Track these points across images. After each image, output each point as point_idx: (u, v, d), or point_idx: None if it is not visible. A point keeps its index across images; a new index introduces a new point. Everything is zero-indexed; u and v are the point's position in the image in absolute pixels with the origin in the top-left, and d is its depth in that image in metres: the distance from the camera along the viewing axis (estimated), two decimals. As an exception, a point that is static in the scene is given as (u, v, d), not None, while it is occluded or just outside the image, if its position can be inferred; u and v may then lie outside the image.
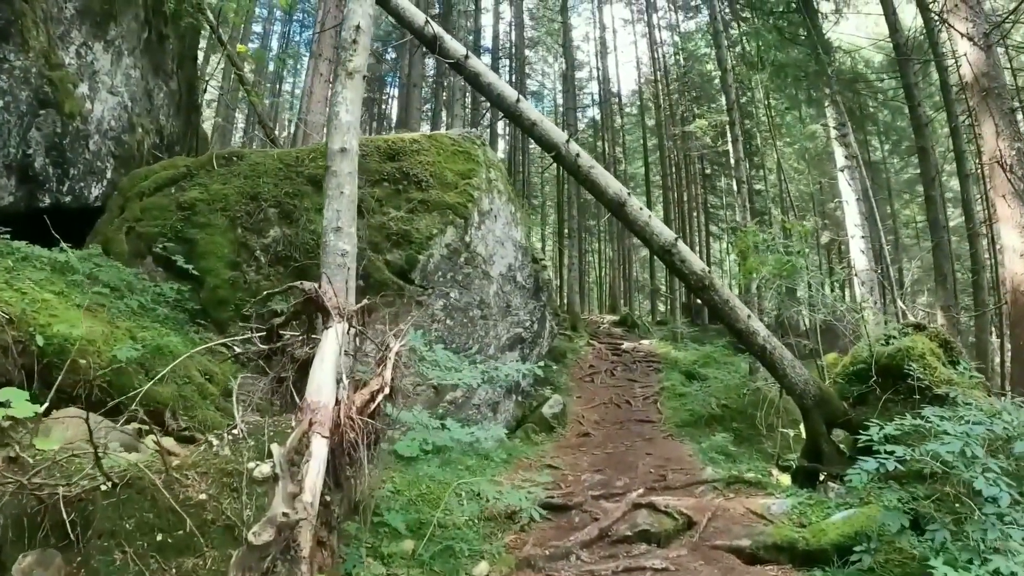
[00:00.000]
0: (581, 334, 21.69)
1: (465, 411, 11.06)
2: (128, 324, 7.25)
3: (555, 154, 7.96)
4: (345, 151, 6.47)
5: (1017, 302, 10.39)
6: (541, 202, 40.22)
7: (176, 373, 6.78)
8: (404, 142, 11.25)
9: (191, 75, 14.78)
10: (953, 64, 18.89)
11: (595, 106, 37.57)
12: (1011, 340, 10.74)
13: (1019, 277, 10.25)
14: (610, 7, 37.11)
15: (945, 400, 7.27)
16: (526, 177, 34.98)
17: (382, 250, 9.90)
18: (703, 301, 8.18)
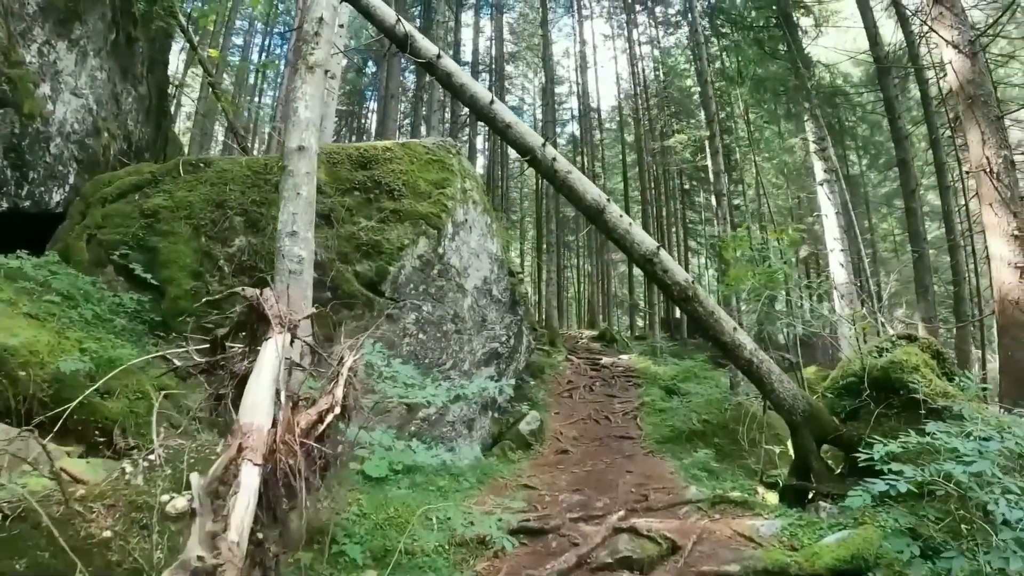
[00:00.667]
0: (559, 349, 21.20)
1: (439, 428, 10.51)
2: (79, 335, 6.77)
3: (530, 158, 7.45)
4: (303, 149, 5.94)
5: (1005, 312, 10.12)
6: (520, 217, 39.76)
7: (128, 388, 6.32)
8: (376, 150, 10.75)
9: (162, 80, 14.24)
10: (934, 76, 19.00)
11: (574, 121, 37.27)
12: (999, 350, 10.37)
13: (1007, 287, 10.00)
14: (590, 22, 37.07)
15: (942, 414, 6.85)
16: (505, 192, 34.56)
17: (351, 261, 9.37)
18: (687, 313, 7.65)
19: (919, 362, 7.44)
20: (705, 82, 18.06)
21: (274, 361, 3.64)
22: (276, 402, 3.51)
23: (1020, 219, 10.14)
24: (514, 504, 6.78)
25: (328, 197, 9.87)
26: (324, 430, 3.92)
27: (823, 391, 8.25)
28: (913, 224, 18.02)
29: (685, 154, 27.50)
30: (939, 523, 4.68)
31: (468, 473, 9.47)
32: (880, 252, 31.19)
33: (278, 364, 3.65)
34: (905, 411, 7.16)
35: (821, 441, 7.64)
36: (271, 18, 29.36)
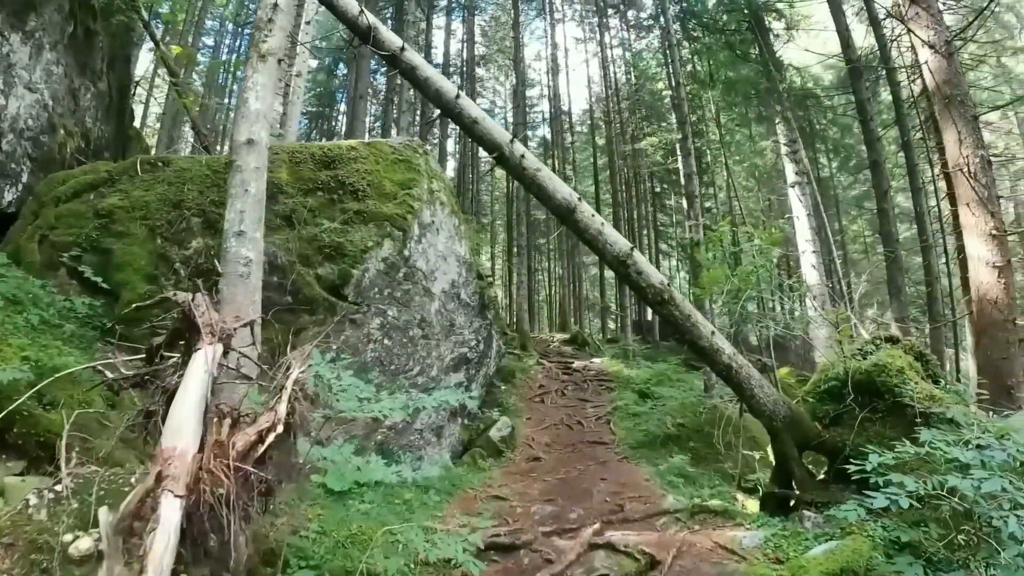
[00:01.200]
0: (531, 353, 20.78)
1: (407, 437, 10.06)
2: (22, 341, 6.34)
3: (497, 156, 7.00)
4: (253, 143, 5.47)
5: (984, 312, 9.96)
6: (491, 220, 39.28)
7: (74, 399, 5.86)
8: (341, 149, 10.29)
9: (123, 76, 13.63)
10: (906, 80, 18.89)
11: (545, 124, 36.90)
12: (977, 351, 10.17)
13: (985, 286, 9.85)
14: (562, 26, 36.77)
15: (930, 418, 6.54)
16: (475, 195, 34.03)
17: (313, 264, 8.90)
18: (662, 317, 7.25)
19: (903, 364, 7.12)
20: (677, 84, 17.80)
21: (202, 376, 3.18)
22: (205, 422, 3.05)
23: (997, 219, 10.03)
24: (481, 523, 6.30)
25: (290, 198, 9.42)
26: (265, 451, 3.48)
27: (804, 395, 7.89)
28: (885, 225, 17.88)
29: (656, 157, 27.30)
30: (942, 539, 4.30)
31: (436, 484, 9.02)
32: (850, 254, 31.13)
33: (207, 379, 3.19)
34: (890, 415, 6.85)
35: (803, 447, 7.29)
36: (242, 18, 28.63)
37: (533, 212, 32.55)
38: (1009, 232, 11.31)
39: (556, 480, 10.24)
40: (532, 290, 33.73)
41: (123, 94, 13.48)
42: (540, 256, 39.27)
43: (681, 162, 20.23)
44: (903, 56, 18.34)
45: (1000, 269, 9.77)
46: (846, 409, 7.05)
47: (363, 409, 4.47)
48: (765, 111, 24.08)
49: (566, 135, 35.82)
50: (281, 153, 9.99)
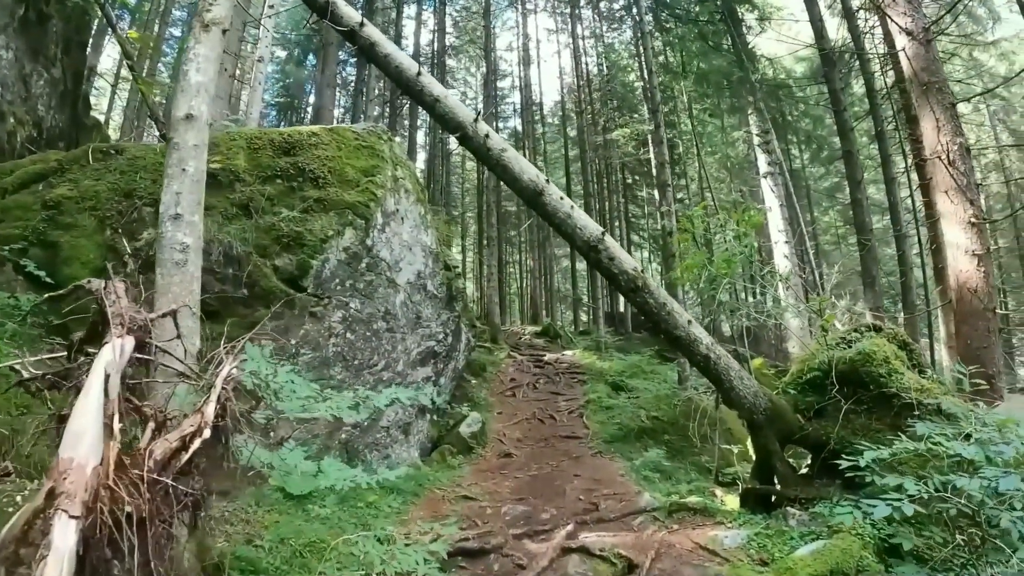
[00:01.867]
0: (502, 346, 20.35)
1: (372, 435, 9.60)
2: (-46, 341, 5.83)
3: (461, 135, 6.53)
4: (192, 119, 4.98)
5: (963, 300, 9.84)
6: (462, 212, 38.75)
7: (10, 401, 5.37)
8: (301, 135, 9.79)
9: (78, 63, 12.95)
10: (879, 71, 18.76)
11: (517, 115, 36.42)
12: (958, 340, 9.99)
13: (965, 275, 9.74)
14: (534, 16, 36.19)
15: (917, 409, 6.22)
16: (446, 187, 33.53)
17: (270, 254, 8.39)
18: (636, 305, 6.84)
19: (889, 353, 6.81)
20: (649, 72, 17.47)
21: (105, 374, 2.71)
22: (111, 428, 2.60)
23: (976, 206, 9.95)
24: (445, 531, 5.84)
25: (247, 185, 8.92)
26: (191, 459, 3.03)
27: (784, 387, 7.54)
28: (859, 215, 17.69)
29: (628, 147, 26.97)
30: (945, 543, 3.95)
31: (402, 485, 8.56)
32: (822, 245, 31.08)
33: (115, 378, 2.73)
34: (876, 407, 6.55)
35: (785, 441, 6.96)
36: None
37: (504, 204, 32.12)
38: (988, 220, 11.11)
39: (528, 477, 9.84)
40: (503, 282, 33.35)
41: (78, 81, 12.82)
42: (511, 248, 38.84)
43: (652, 152, 19.96)
44: (876, 47, 18.25)
45: (980, 257, 9.68)
46: (830, 401, 6.72)
47: (309, 408, 4.01)
48: (737, 102, 24.01)
49: (537, 126, 35.42)
50: (239, 139, 9.49)
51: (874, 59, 18.57)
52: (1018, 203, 25.41)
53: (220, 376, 3.32)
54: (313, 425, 8.37)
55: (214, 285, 7.83)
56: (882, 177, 23.64)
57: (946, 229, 10.02)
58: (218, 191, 8.65)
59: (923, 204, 17.45)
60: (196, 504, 3.14)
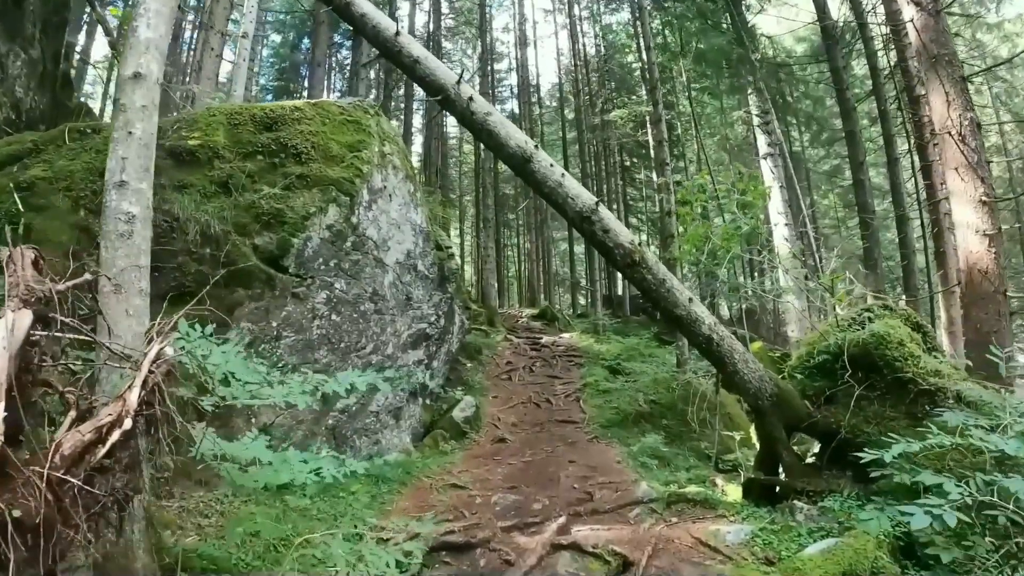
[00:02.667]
0: (498, 329, 19.85)
1: (361, 420, 9.13)
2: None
3: (443, 98, 5.99)
4: (140, 78, 4.44)
5: (974, 282, 9.27)
6: (459, 196, 38.11)
7: None
8: (284, 110, 9.25)
9: (58, 44, 12.36)
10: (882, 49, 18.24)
11: (514, 97, 35.67)
12: (965, 325, 9.46)
13: (975, 256, 9.16)
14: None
15: (935, 396, 5.73)
16: (442, 169, 32.89)
17: (250, 233, 7.86)
18: (633, 282, 6.31)
19: (903, 336, 6.30)
20: (648, 48, 16.88)
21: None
22: None
23: (987, 184, 9.37)
24: (423, 528, 5.30)
25: (227, 162, 8.38)
26: (111, 452, 2.53)
27: (790, 371, 7.03)
28: (861, 196, 17.26)
29: (626, 129, 26.37)
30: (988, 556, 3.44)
31: (388, 473, 8.08)
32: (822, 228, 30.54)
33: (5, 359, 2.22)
34: (890, 393, 6.04)
35: (792, 429, 6.46)
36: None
37: (502, 187, 31.57)
38: (999, 199, 10.58)
39: (521, 463, 9.36)
40: (501, 265, 32.83)
41: (59, 62, 12.25)
42: (509, 232, 38.30)
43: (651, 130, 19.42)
44: (880, 27, 17.76)
45: (991, 237, 9.11)
46: (841, 386, 6.21)
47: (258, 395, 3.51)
48: (737, 81, 23.49)
49: (534, 108, 34.75)
50: (218, 115, 8.95)
51: (877, 37, 18.09)
52: (1019, 187, 24.84)
53: (147, 358, 2.81)
54: (297, 411, 7.91)
55: (191, 266, 7.37)
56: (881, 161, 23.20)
57: (956, 208, 9.47)
58: (196, 168, 8.17)
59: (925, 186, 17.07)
60: (120, 503, 2.64)
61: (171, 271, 7.33)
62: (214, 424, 6.76)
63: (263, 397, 3.54)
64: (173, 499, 6.09)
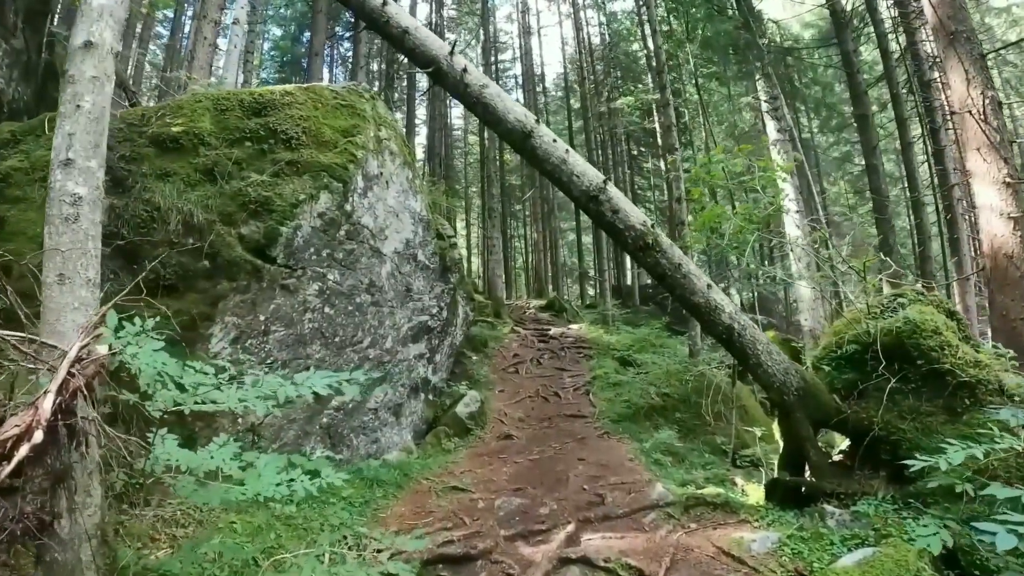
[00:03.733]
0: (505, 320, 19.27)
1: (358, 417, 8.60)
2: None
3: (434, 70, 5.41)
4: (92, 46, 3.91)
5: (999, 268, 8.65)
6: (465, 187, 37.51)
7: None
8: (273, 94, 8.66)
9: (41, 34, 11.83)
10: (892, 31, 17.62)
11: (519, 88, 35.08)
12: (991, 312, 8.85)
13: (1000, 240, 8.53)
14: (535, -15, 34.87)
15: (976, 388, 5.17)
16: (446, 160, 32.30)
17: (236, 222, 7.30)
18: (646, 267, 5.73)
19: (939, 323, 5.72)
20: (654, 31, 16.36)
21: None
22: None
23: (1011, 165, 8.79)
24: (412, 544, 4.67)
25: (213, 149, 7.82)
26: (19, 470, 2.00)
27: (816, 362, 6.45)
28: (875, 181, 16.66)
29: (633, 116, 25.76)
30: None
31: (384, 475, 7.53)
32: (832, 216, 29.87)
33: None
34: (926, 386, 5.47)
35: (819, 425, 5.90)
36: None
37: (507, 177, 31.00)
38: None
39: (528, 462, 8.81)
40: (508, 256, 32.27)
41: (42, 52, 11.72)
42: (515, 223, 37.78)
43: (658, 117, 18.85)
44: (890, 10, 17.22)
45: (1016, 220, 8.49)
46: (875, 379, 5.61)
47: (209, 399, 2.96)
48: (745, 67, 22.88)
49: (539, 96, 34.12)
50: (204, 100, 8.39)
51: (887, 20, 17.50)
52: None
53: (67, 357, 2.27)
54: (289, 409, 7.38)
55: (172, 257, 6.84)
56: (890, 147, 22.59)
57: (978, 190, 8.86)
58: (180, 156, 7.62)
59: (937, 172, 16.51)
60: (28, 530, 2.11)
61: (150, 263, 6.83)
62: (196, 425, 6.28)
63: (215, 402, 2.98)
64: (149, 507, 5.56)
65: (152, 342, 2.82)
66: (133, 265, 6.94)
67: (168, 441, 3.33)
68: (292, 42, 32.05)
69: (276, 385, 3.17)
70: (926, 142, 17.31)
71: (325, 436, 8.01)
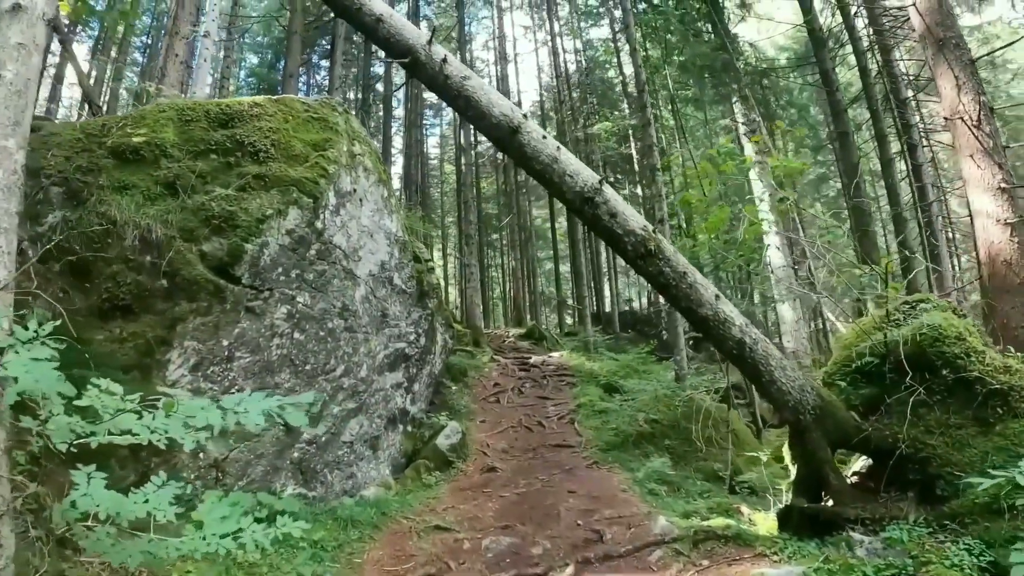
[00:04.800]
0: (484, 349, 18.62)
1: (332, 452, 7.96)
2: None
3: (411, 61, 4.82)
4: (20, 10, 3.39)
5: (997, 274, 8.46)
6: (442, 217, 36.98)
7: None
8: (241, 105, 8.13)
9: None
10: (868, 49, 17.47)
11: (494, 117, 34.67)
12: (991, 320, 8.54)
13: (996, 246, 8.23)
14: (510, 14, 34.59)
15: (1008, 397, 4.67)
16: (423, 188, 31.80)
17: (198, 238, 6.70)
18: (647, 276, 5.14)
19: (961, 329, 5.24)
20: (634, 50, 16.01)
21: None
22: None
23: (1006, 170, 8.66)
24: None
25: (175, 161, 7.24)
26: None
27: (827, 377, 5.92)
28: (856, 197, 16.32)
29: (610, 142, 25.50)
30: None
31: (360, 514, 6.86)
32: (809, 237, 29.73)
33: None
34: (952, 397, 4.99)
35: (838, 446, 5.36)
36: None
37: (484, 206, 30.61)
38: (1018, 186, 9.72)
39: (515, 496, 8.17)
40: (485, 284, 31.74)
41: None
42: (492, 252, 37.26)
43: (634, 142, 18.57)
44: (867, 27, 17.15)
45: (1012, 227, 8.32)
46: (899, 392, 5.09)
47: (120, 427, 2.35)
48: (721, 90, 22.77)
49: (515, 125, 33.85)
50: (168, 110, 7.82)
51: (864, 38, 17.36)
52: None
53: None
54: (255, 444, 6.75)
55: (127, 275, 6.24)
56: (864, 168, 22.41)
57: (973, 197, 8.64)
58: (141, 168, 7.04)
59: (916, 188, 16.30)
60: None
61: (104, 282, 6.21)
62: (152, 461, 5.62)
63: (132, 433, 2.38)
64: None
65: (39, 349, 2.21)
66: (85, 283, 6.32)
67: (95, 481, 2.73)
68: (268, 69, 31.67)
69: (195, 409, 2.54)
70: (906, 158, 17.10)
71: (297, 472, 7.37)
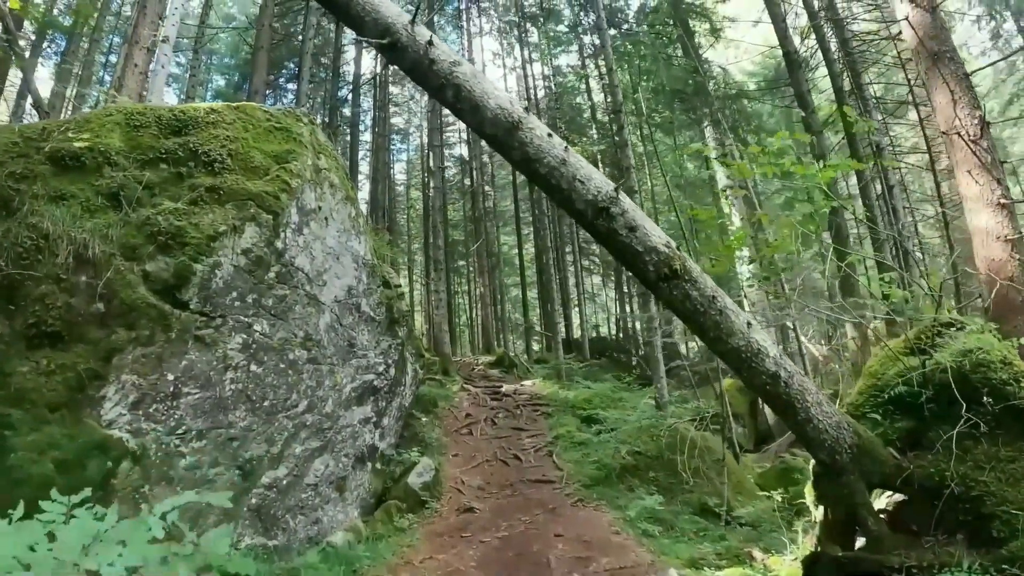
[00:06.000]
0: (454, 378, 17.80)
1: (295, 495, 7.14)
2: None
3: (390, 43, 3.99)
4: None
5: (998, 292, 8.07)
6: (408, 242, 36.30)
7: None
8: (197, 112, 7.37)
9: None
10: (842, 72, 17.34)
11: (463, 143, 34.18)
12: (998, 338, 8.07)
13: (997, 264, 7.84)
14: (480, 39, 34.23)
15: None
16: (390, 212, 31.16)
17: (140, 256, 5.90)
18: (668, 302, 4.30)
19: (1005, 352, 4.66)
20: (609, 70, 15.68)
21: None
22: None
23: (1003, 186, 8.26)
24: None
25: (121, 170, 6.47)
26: None
27: (853, 411, 5.25)
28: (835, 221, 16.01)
29: (580, 168, 25.18)
30: None
31: (325, 570, 6.06)
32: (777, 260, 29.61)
33: None
34: (1000, 428, 4.34)
35: (875, 486, 4.68)
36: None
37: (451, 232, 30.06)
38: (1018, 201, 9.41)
39: (497, 541, 7.40)
40: (452, 310, 31.10)
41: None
42: (459, 279, 36.74)
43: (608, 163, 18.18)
44: (841, 48, 17.10)
45: (1012, 243, 7.96)
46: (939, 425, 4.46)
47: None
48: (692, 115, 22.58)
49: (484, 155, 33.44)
50: (116, 114, 7.05)
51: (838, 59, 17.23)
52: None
53: None
54: (214, 485, 5.95)
55: (58, 297, 5.43)
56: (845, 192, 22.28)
57: (971, 213, 8.33)
58: (81, 176, 6.30)
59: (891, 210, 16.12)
60: None
61: (31, 304, 5.37)
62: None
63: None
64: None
65: None
66: (10, 305, 5.47)
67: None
68: (235, 90, 31.02)
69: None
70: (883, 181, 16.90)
71: (255, 519, 6.55)
